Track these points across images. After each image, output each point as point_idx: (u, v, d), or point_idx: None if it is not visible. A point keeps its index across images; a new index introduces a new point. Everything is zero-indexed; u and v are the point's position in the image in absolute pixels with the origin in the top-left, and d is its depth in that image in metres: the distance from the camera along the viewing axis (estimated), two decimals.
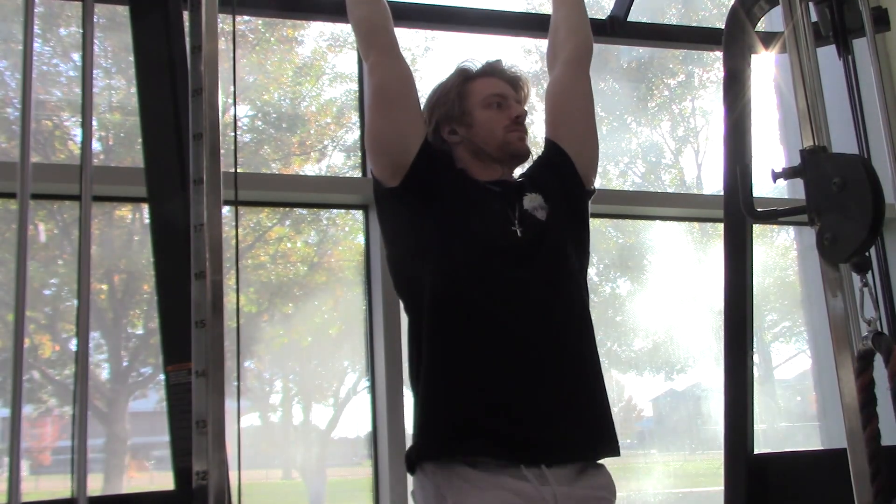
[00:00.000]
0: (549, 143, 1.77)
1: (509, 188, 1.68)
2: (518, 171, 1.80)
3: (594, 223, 1.81)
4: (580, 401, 1.55)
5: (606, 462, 1.59)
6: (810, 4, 1.57)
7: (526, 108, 1.77)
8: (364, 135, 1.71)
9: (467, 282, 1.55)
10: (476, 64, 1.78)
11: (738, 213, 2.01)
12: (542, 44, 1.97)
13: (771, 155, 3.58)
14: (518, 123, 1.70)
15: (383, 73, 1.66)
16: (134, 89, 1.86)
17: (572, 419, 1.53)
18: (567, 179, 1.72)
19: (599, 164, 1.82)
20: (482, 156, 1.71)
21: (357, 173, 2.84)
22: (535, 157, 1.80)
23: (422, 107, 1.75)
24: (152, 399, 2.68)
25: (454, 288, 1.55)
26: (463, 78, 1.76)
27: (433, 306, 1.55)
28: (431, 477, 1.49)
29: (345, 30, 3.08)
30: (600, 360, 1.63)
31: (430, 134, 1.73)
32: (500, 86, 1.73)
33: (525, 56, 3.60)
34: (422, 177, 1.63)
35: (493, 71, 1.76)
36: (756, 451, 2.22)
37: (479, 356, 1.51)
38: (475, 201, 1.64)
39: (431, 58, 3.30)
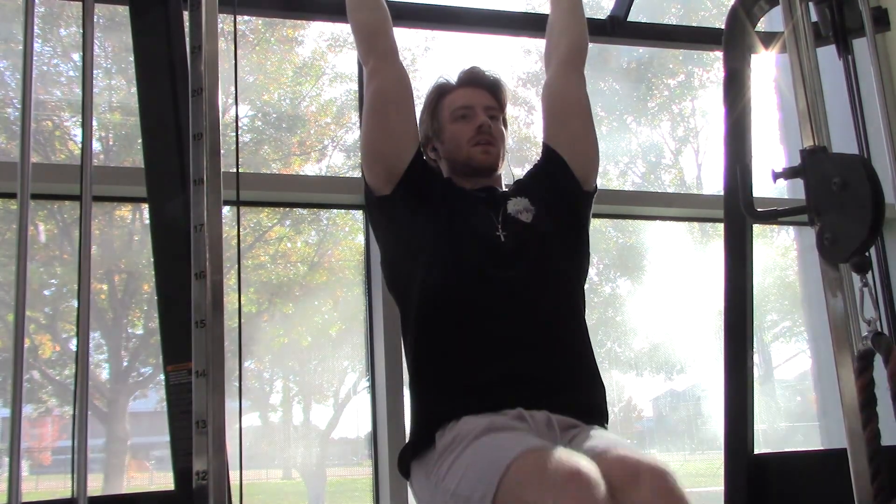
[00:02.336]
0: (545, 148, 1.78)
1: (495, 194, 1.71)
2: (515, 175, 1.81)
3: (594, 223, 1.81)
4: (576, 384, 1.57)
5: None
6: (810, 4, 1.57)
7: (501, 113, 1.78)
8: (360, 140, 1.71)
9: (456, 281, 1.58)
10: (451, 77, 1.79)
11: (738, 213, 2.01)
12: (543, 44, 1.97)
13: (771, 155, 3.58)
14: (482, 132, 1.70)
15: (383, 78, 1.67)
16: (134, 89, 1.86)
17: (567, 397, 1.54)
18: (562, 183, 1.73)
19: (599, 164, 1.82)
20: (459, 169, 1.73)
21: (357, 173, 2.84)
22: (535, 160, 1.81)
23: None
24: (152, 399, 2.68)
25: (443, 285, 1.58)
26: (438, 94, 1.78)
27: (422, 301, 1.58)
28: (434, 454, 1.48)
29: (345, 30, 3.08)
30: (595, 358, 1.64)
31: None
32: (470, 96, 1.74)
33: (525, 56, 3.60)
34: (413, 185, 1.66)
35: (467, 80, 1.77)
36: (756, 451, 2.22)
37: (466, 350, 1.54)
38: (461, 207, 1.67)
39: (431, 58, 3.30)
